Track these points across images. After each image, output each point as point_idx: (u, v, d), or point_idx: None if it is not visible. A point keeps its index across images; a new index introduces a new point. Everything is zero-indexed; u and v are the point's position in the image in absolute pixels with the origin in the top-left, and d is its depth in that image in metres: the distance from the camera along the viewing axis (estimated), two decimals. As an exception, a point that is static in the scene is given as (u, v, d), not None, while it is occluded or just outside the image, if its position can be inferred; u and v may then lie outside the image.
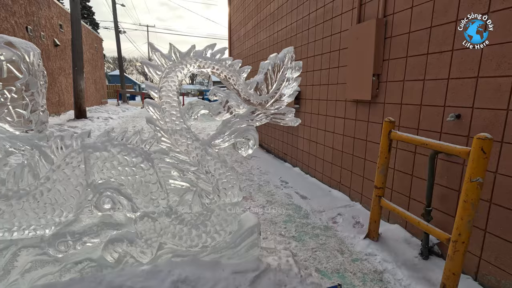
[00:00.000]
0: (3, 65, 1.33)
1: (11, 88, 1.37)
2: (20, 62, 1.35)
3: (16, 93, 1.38)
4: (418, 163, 2.37)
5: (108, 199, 1.62)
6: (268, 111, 1.84)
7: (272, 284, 1.76)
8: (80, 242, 1.62)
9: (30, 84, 1.40)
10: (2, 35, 1.34)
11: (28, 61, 1.37)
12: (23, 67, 1.36)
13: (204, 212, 1.81)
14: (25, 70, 1.36)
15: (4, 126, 1.41)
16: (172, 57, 1.58)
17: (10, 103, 1.39)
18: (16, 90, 1.38)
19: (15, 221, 1.52)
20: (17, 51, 1.34)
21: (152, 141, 1.69)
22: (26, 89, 1.39)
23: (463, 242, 1.68)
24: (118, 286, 1.61)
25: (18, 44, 1.35)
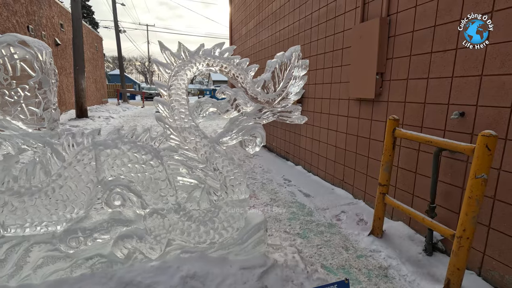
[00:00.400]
0: (17, 63, 1.36)
1: (24, 86, 1.39)
2: (34, 61, 1.37)
3: (29, 91, 1.40)
4: (421, 161, 2.40)
5: (118, 196, 1.64)
6: (275, 109, 1.86)
7: (279, 279, 1.79)
8: (91, 238, 1.65)
9: (43, 82, 1.42)
10: (15, 34, 1.36)
11: (41, 59, 1.39)
12: (36, 65, 1.38)
13: (212, 209, 1.84)
14: (38, 69, 1.39)
15: (17, 124, 1.44)
16: (181, 55, 1.61)
17: (23, 101, 1.41)
18: (29, 88, 1.40)
19: (28, 217, 1.54)
20: (31, 49, 1.36)
21: (161, 138, 1.71)
22: (39, 87, 1.41)
23: (467, 238, 1.71)
24: (128, 282, 1.63)
25: (31, 43, 1.37)
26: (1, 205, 1.49)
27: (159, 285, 1.63)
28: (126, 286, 1.62)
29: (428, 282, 1.93)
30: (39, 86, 1.41)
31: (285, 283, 1.78)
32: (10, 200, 1.49)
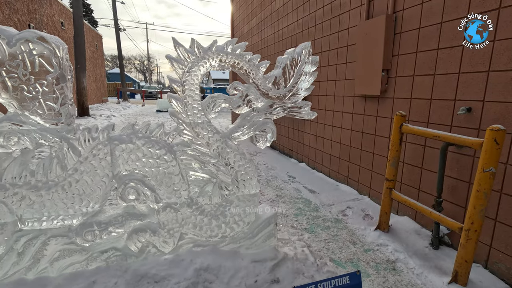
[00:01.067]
0: (35, 59, 1.38)
1: (42, 81, 1.41)
2: (52, 57, 1.39)
3: (47, 86, 1.43)
4: (427, 156, 2.43)
5: (132, 190, 1.67)
6: (286, 104, 1.89)
7: (290, 272, 1.82)
8: (106, 231, 1.67)
9: (60, 78, 1.44)
10: (34, 30, 1.38)
11: (58, 55, 1.42)
12: (54, 61, 1.40)
13: (224, 203, 1.86)
14: (56, 65, 1.41)
15: (35, 119, 1.46)
16: (195, 51, 1.63)
17: (42, 96, 1.43)
18: (47, 83, 1.42)
19: (45, 211, 1.57)
20: (49, 45, 1.38)
21: (174, 133, 1.73)
22: (56, 83, 1.43)
23: (475, 231, 1.74)
24: (143, 274, 1.66)
25: (49, 39, 1.39)
26: (19, 199, 1.51)
27: (174, 277, 1.66)
28: (141, 278, 1.65)
29: (436, 274, 1.97)
30: (57, 82, 1.43)
31: (296, 275, 1.81)
32: (27, 194, 1.52)
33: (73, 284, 1.58)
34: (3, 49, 1.33)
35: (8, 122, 1.42)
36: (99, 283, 1.60)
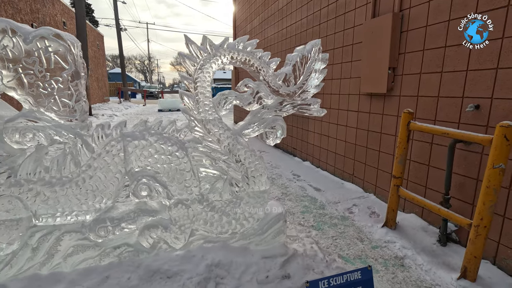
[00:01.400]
0: (51, 56, 1.39)
1: (58, 78, 1.42)
2: (67, 54, 1.41)
3: (62, 83, 1.44)
4: (434, 154, 2.44)
5: (145, 186, 1.69)
6: (295, 101, 1.90)
7: (300, 268, 1.84)
8: (119, 227, 1.69)
9: (75, 75, 1.45)
10: (50, 28, 1.40)
11: (73, 52, 1.43)
12: (70, 58, 1.42)
13: (234, 199, 1.88)
14: (71, 61, 1.42)
15: (50, 115, 1.47)
16: (206, 49, 1.64)
17: (57, 93, 1.45)
18: (63, 80, 1.44)
19: (59, 207, 1.58)
20: (64, 43, 1.40)
21: (186, 130, 1.75)
22: (71, 80, 1.45)
23: (485, 227, 1.76)
24: (156, 270, 1.68)
25: (64, 36, 1.41)
26: (34, 195, 1.53)
27: (186, 273, 1.68)
28: (154, 274, 1.66)
29: (444, 271, 1.98)
30: (71, 79, 1.45)
31: (306, 271, 1.82)
32: (42, 190, 1.53)
33: (87, 280, 1.59)
34: (20, 46, 1.34)
35: (24, 119, 1.44)
36: (113, 278, 1.61)
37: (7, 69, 1.35)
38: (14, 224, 1.52)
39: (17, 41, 1.34)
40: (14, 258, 1.55)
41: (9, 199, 1.49)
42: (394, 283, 1.89)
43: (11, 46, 1.33)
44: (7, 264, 1.55)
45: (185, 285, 1.60)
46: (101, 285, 1.58)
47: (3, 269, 1.55)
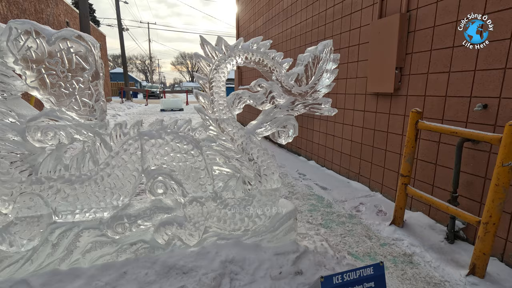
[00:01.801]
0: (73, 57, 1.43)
1: (79, 78, 1.46)
2: (88, 54, 1.44)
3: (82, 83, 1.48)
4: (442, 152, 2.47)
5: (161, 184, 1.72)
6: (307, 101, 1.93)
7: (312, 264, 1.87)
8: (135, 224, 1.73)
9: (95, 75, 1.49)
10: (71, 29, 1.43)
11: (94, 53, 1.47)
12: (90, 59, 1.45)
13: (246, 197, 1.91)
14: (92, 62, 1.46)
15: (71, 115, 1.51)
16: (222, 49, 1.68)
17: (77, 93, 1.48)
18: (83, 80, 1.47)
19: (78, 204, 1.62)
20: (86, 44, 1.43)
21: (201, 129, 1.78)
22: (92, 80, 1.49)
23: (493, 224, 1.79)
24: (172, 266, 1.71)
25: (85, 37, 1.44)
26: (54, 192, 1.56)
27: (201, 269, 1.71)
28: (170, 269, 1.70)
29: (453, 267, 2.01)
30: (92, 79, 1.48)
31: (318, 267, 1.86)
32: (62, 188, 1.57)
33: (105, 275, 1.63)
34: (43, 47, 1.38)
35: (46, 118, 1.47)
36: (130, 274, 1.65)
37: (31, 69, 1.39)
38: (35, 220, 1.55)
39: (41, 42, 1.37)
40: (34, 254, 1.59)
41: (31, 196, 1.53)
42: (404, 280, 1.93)
43: (34, 47, 1.37)
44: (28, 260, 1.59)
45: (201, 280, 1.64)
46: (120, 280, 1.62)
47: (24, 265, 1.59)
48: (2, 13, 6.86)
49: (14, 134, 1.47)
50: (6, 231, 1.54)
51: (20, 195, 1.52)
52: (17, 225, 1.54)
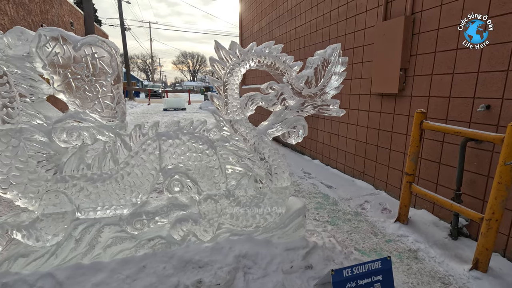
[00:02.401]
0: (97, 62, 1.51)
1: (102, 82, 1.54)
2: (111, 59, 1.52)
3: (105, 86, 1.56)
4: (445, 152, 2.54)
5: (177, 182, 1.80)
6: (316, 102, 2.01)
7: (321, 259, 1.95)
8: (153, 221, 1.81)
9: (117, 78, 1.57)
10: (96, 35, 1.51)
11: (116, 58, 1.55)
12: (113, 63, 1.53)
13: (258, 195, 1.99)
14: (115, 66, 1.54)
15: (94, 116, 1.59)
16: (236, 53, 1.75)
17: (100, 95, 1.56)
18: (106, 84, 1.55)
19: (99, 201, 1.70)
20: (109, 49, 1.51)
21: (215, 130, 1.86)
22: (114, 83, 1.56)
23: (496, 220, 1.86)
24: (188, 260, 1.80)
25: (108, 43, 1.52)
26: (78, 190, 1.65)
27: (216, 263, 1.79)
28: (186, 264, 1.78)
29: (457, 262, 2.09)
30: (114, 82, 1.56)
31: (327, 262, 1.94)
32: (85, 186, 1.66)
33: (126, 269, 1.71)
34: (69, 52, 1.46)
35: (71, 119, 1.56)
36: (149, 268, 1.73)
37: (58, 74, 1.47)
38: (60, 217, 1.64)
39: (67, 48, 1.45)
40: (59, 249, 1.68)
41: (56, 194, 1.61)
42: (410, 274, 2.00)
43: (61, 53, 1.45)
44: (53, 254, 1.68)
45: (217, 274, 1.72)
46: (139, 273, 1.70)
47: (49, 259, 1.68)
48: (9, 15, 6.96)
49: (41, 135, 1.55)
50: (33, 227, 1.63)
51: (46, 192, 1.60)
52: (43, 221, 1.62)
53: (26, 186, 1.57)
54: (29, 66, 1.46)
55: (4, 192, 1.56)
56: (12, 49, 1.43)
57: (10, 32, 1.40)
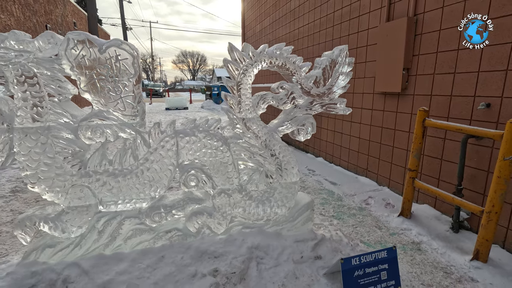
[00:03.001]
0: (120, 63, 1.60)
1: (124, 83, 1.64)
2: (133, 61, 1.62)
3: (127, 87, 1.65)
4: (447, 148, 2.64)
5: (193, 177, 1.90)
6: (324, 101, 2.10)
7: (329, 250, 2.05)
8: (170, 214, 1.91)
9: (138, 79, 1.67)
10: (119, 39, 1.61)
11: (138, 60, 1.64)
12: (134, 65, 1.63)
13: (268, 190, 2.09)
14: (136, 68, 1.63)
15: (117, 115, 1.69)
16: (249, 55, 1.85)
17: (123, 95, 1.66)
18: (128, 84, 1.65)
19: (121, 195, 1.80)
20: (131, 51, 1.61)
21: (229, 127, 1.96)
22: (135, 84, 1.66)
23: (496, 213, 1.96)
24: (204, 251, 1.90)
25: (130, 46, 1.62)
26: (101, 185, 1.75)
27: (230, 254, 1.89)
28: (202, 254, 1.88)
29: (458, 254, 2.19)
30: (135, 83, 1.66)
31: (335, 253, 2.04)
32: (108, 180, 1.75)
33: (146, 259, 1.82)
34: (95, 55, 1.56)
35: (95, 117, 1.65)
36: (168, 258, 1.83)
37: (84, 75, 1.57)
38: (84, 209, 1.74)
39: (93, 51, 1.55)
40: (83, 240, 1.78)
41: (81, 188, 1.71)
42: (413, 264, 2.10)
43: (88, 55, 1.54)
44: (77, 245, 1.78)
45: (232, 263, 1.82)
46: (159, 263, 1.80)
47: (74, 250, 1.78)
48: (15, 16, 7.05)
49: (68, 133, 1.65)
50: (59, 219, 1.73)
51: (71, 186, 1.70)
52: (69, 214, 1.72)
53: (53, 181, 1.67)
54: (57, 67, 1.56)
55: (33, 186, 1.66)
56: (42, 52, 1.52)
57: (41, 36, 1.50)
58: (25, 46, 1.50)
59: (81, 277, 1.67)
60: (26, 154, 1.60)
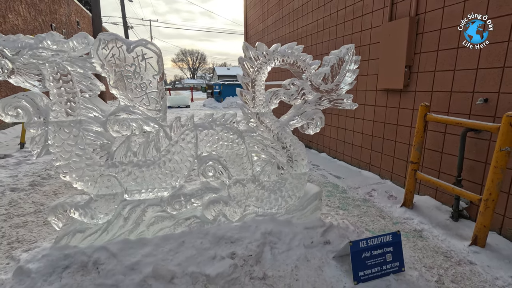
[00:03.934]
0: (146, 62, 1.73)
1: (150, 80, 1.77)
2: (158, 59, 1.75)
3: (152, 83, 1.78)
4: (447, 142, 2.77)
5: (211, 168, 2.04)
6: (332, 97, 2.24)
7: (337, 236, 2.19)
8: (189, 202, 2.05)
9: (162, 76, 1.80)
10: (144, 39, 1.74)
11: (161, 58, 1.77)
12: (160, 63, 1.76)
13: (280, 180, 2.23)
14: (161, 66, 1.76)
15: (142, 109, 1.82)
16: (263, 53, 1.98)
17: (148, 91, 1.79)
18: (152, 81, 1.78)
19: (144, 184, 1.94)
20: (156, 50, 1.74)
21: (243, 121, 2.09)
22: (159, 80, 1.79)
23: (493, 200, 2.10)
24: (221, 236, 2.04)
25: (155, 45, 1.75)
26: (126, 175, 1.88)
27: (246, 239, 2.03)
28: (220, 239, 2.02)
29: (457, 240, 2.33)
30: (159, 80, 1.79)
31: (342, 239, 2.18)
32: (133, 171, 1.89)
33: (167, 244, 1.95)
34: (123, 54, 1.69)
35: (122, 112, 1.79)
36: (188, 243, 1.97)
37: (114, 73, 1.70)
38: (111, 198, 1.87)
39: (122, 50, 1.68)
40: (110, 226, 1.92)
41: (108, 178, 1.85)
42: (416, 249, 2.25)
43: (117, 54, 1.68)
44: (105, 231, 1.92)
45: (248, 247, 1.96)
46: (180, 247, 1.94)
47: (101, 235, 1.92)
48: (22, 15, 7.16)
49: (97, 126, 1.78)
50: (88, 207, 1.86)
51: (100, 176, 1.84)
52: (97, 201, 1.86)
53: (84, 171, 1.81)
54: (89, 66, 1.69)
55: (65, 175, 1.80)
56: (75, 51, 1.66)
57: (75, 36, 1.63)
58: (61, 46, 1.63)
59: (110, 259, 1.80)
60: (60, 145, 1.74)
